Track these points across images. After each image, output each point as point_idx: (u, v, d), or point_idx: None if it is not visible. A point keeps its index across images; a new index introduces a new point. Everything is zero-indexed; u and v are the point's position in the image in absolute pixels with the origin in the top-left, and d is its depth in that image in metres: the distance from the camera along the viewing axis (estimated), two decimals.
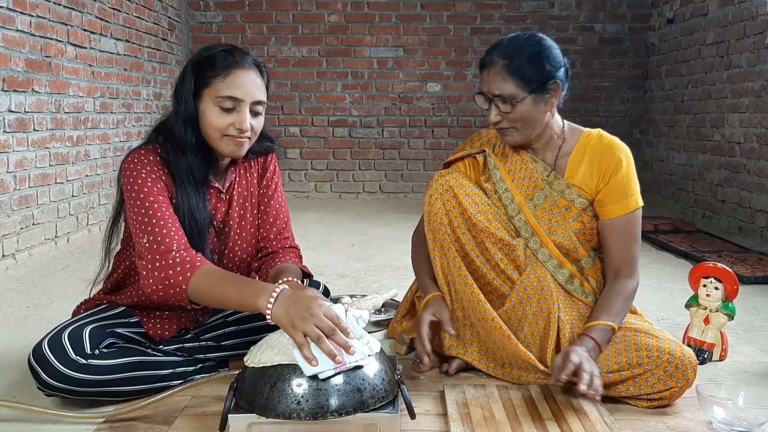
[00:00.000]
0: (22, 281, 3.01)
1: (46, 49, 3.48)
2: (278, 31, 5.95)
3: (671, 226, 4.24)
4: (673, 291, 2.85)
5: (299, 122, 6.03)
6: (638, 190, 1.78)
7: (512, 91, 1.72)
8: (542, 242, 1.79)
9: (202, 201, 1.66)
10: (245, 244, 1.83)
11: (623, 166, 1.76)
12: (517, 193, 1.82)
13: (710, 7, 4.73)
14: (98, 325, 1.66)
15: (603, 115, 6.04)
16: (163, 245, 1.53)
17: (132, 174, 1.61)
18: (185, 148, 1.64)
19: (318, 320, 1.37)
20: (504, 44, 1.77)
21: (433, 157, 6.05)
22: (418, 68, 6.00)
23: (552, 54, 1.78)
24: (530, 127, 1.77)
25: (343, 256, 3.55)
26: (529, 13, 5.93)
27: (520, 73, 1.72)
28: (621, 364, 1.63)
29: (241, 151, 1.67)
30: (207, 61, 1.63)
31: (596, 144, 1.80)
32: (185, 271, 1.51)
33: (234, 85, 1.61)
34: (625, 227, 1.76)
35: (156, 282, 1.52)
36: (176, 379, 1.69)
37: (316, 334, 1.36)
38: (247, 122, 1.62)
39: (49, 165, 3.56)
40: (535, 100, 1.74)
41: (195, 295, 1.52)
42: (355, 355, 1.38)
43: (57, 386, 1.54)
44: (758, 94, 4.08)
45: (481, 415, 1.55)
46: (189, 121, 1.63)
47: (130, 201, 1.60)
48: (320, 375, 1.35)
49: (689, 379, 1.61)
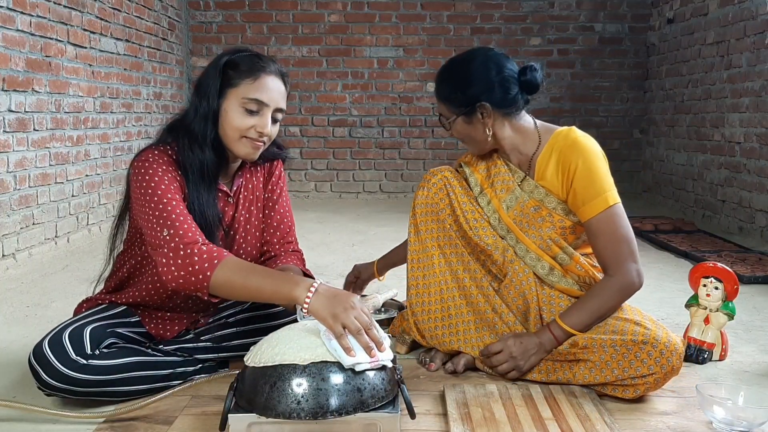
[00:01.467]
0: (22, 281, 3.01)
1: (46, 48, 3.48)
2: (278, 31, 5.95)
3: (671, 226, 4.24)
4: (673, 291, 2.85)
5: (299, 122, 6.03)
6: (610, 188, 1.76)
7: (443, 111, 1.86)
8: (518, 239, 1.84)
9: (212, 199, 1.68)
10: (249, 247, 1.83)
11: (581, 166, 1.75)
12: (494, 196, 1.88)
13: (710, 7, 4.73)
14: (99, 324, 1.66)
15: (603, 115, 6.04)
16: (186, 237, 1.53)
17: (147, 171, 1.60)
18: (203, 144, 1.65)
19: (358, 314, 1.42)
20: (442, 68, 1.88)
21: (433, 157, 6.05)
22: (418, 68, 6.00)
23: (479, 76, 1.80)
24: (472, 143, 1.88)
25: (343, 256, 3.55)
26: (529, 13, 5.93)
27: (445, 97, 1.84)
28: (611, 345, 1.65)
29: (255, 155, 1.69)
30: (235, 62, 1.65)
31: (562, 143, 1.81)
32: (212, 260, 1.51)
33: (262, 89, 1.63)
34: (603, 226, 1.75)
35: (179, 269, 1.51)
36: (176, 379, 1.69)
37: (356, 326, 1.40)
38: (269, 127, 1.66)
39: (49, 165, 3.56)
40: (466, 121, 1.83)
41: (219, 287, 1.52)
42: (386, 353, 1.42)
43: (57, 386, 1.54)
44: (758, 94, 4.08)
45: (481, 415, 1.55)
46: (210, 117, 1.65)
47: (145, 197, 1.59)
48: (357, 367, 1.37)
49: (674, 366, 1.61)
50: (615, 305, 1.76)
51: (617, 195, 1.77)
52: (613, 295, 1.75)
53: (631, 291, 1.76)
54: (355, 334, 1.40)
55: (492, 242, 1.85)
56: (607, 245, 1.75)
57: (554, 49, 5.95)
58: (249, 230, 1.83)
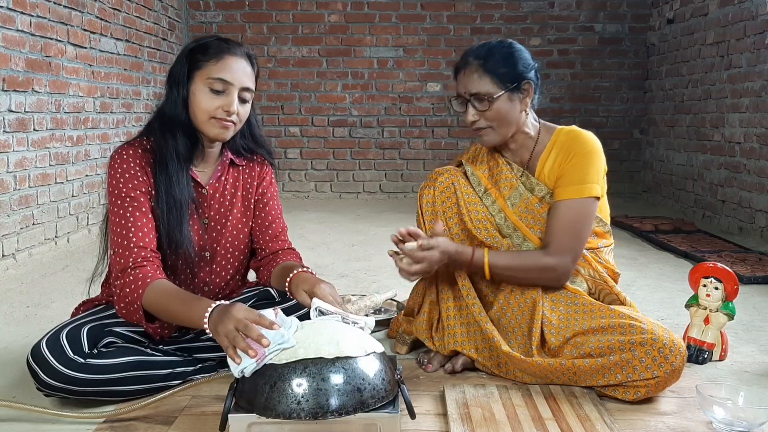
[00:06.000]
0: (22, 281, 3.01)
1: (46, 49, 3.48)
2: (278, 31, 5.95)
3: (671, 226, 4.24)
4: (673, 291, 2.85)
5: (299, 122, 6.03)
6: (596, 182, 1.79)
7: (488, 89, 1.80)
8: (525, 236, 1.84)
9: (184, 178, 1.70)
10: (230, 245, 1.84)
11: (583, 151, 1.79)
12: (497, 194, 1.88)
13: (710, 7, 4.73)
14: (96, 324, 1.66)
15: (603, 115, 6.04)
16: (122, 258, 1.61)
17: (113, 178, 1.68)
18: (174, 127, 1.70)
19: (234, 322, 1.42)
20: (477, 47, 1.86)
21: (433, 157, 6.05)
22: (418, 68, 6.00)
23: (523, 56, 1.85)
24: (506, 125, 1.84)
25: (343, 256, 3.55)
26: (529, 13, 5.93)
27: (494, 71, 1.80)
28: (610, 347, 1.63)
29: (226, 135, 1.72)
30: (201, 46, 1.71)
31: (564, 138, 1.85)
32: (138, 288, 1.59)
33: (225, 69, 1.68)
34: (569, 212, 1.77)
35: (119, 301, 1.62)
36: (176, 379, 1.68)
37: (232, 334, 1.41)
38: (235, 105, 1.68)
39: (49, 165, 3.56)
40: (510, 98, 1.81)
41: (152, 314, 1.62)
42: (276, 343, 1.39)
43: (56, 386, 1.54)
44: (758, 94, 4.08)
45: (481, 415, 1.55)
46: (181, 102, 1.70)
47: (109, 207, 1.69)
48: (245, 371, 1.38)
49: (677, 368, 1.61)
50: (530, 276, 1.78)
51: (599, 191, 1.80)
52: (537, 266, 1.77)
53: (551, 277, 1.78)
54: (232, 341, 1.41)
55: (497, 242, 1.85)
56: (562, 230, 1.77)
57: (554, 49, 5.95)
58: (227, 226, 1.83)
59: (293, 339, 1.41)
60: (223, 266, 1.84)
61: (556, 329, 1.74)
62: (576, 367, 1.67)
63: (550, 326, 1.75)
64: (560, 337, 1.72)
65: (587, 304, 1.77)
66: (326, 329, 1.45)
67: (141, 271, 1.60)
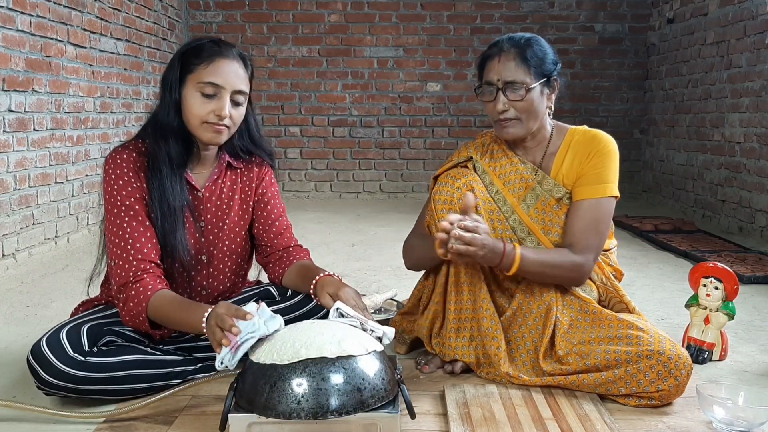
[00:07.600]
0: (22, 281, 3.01)
1: (46, 48, 3.48)
2: (278, 31, 5.95)
3: (671, 226, 4.24)
4: (673, 291, 2.85)
5: (299, 122, 6.03)
6: (615, 181, 1.78)
7: (525, 78, 1.76)
8: (539, 240, 1.81)
9: (178, 184, 1.70)
10: (234, 245, 1.84)
11: (603, 151, 1.78)
12: (509, 194, 1.84)
13: (710, 7, 4.73)
14: (96, 323, 1.67)
15: (603, 115, 6.03)
16: (122, 271, 1.63)
17: (107, 184, 1.69)
18: (167, 133, 1.69)
19: (214, 317, 1.48)
20: (512, 37, 1.82)
21: (433, 157, 6.05)
22: (418, 68, 6.00)
23: (551, 53, 1.86)
24: (533, 119, 1.81)
25: (343, 256, 3.55)
26: (529, 13, 5.93)
27: (533, 62, 1.77)
28: (616, 359, 1.62)
29: (219, 139, 1.71)
30: (193, 50, 1.70)
31: (580, 138, 1.84)
32: (140, 302, 1.61)
33: (216, 73, 1.66)
34: (591, 212, 1.76)
35: (124, 314, 1.64)
36: (176, 378, 1.68)
37: (212, 329, 1.47)
38: (227, 109, 1.67)
39: (49, 165, 3.56)
40: (541, 91, 1.80)
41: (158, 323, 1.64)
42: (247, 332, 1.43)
43: (56, 384, 1.54)
44: (758, 94, 4.08)
45: (481, 414, 1.55)
46: (173, 106, 1.69)
47: (105, 214, 1.70)
48: (224, 361, 1.42)
49: (682, 383, 1.60)
50: (557, 273, 1.74)
51: (618, 191, 1.80)
52: (567, 263, 1.73)
53: (579, 275, 1.76)
54: (212, 335, 1.46)
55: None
56: (585, 230, 1.75)
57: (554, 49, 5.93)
58: (224, 229, 1.82)
59: (265, 327, 1.45)
60: (221, 269, 1.84)
61: (565, 334, 1.74)
62: (580, 380, 1.66)
63: (562, 330, 1.74)
64: (568, 344, 1.72)
65: (596, 312, 1.76)
66: (327, 329, 1.46)
67: (141, 284, 1.61)
